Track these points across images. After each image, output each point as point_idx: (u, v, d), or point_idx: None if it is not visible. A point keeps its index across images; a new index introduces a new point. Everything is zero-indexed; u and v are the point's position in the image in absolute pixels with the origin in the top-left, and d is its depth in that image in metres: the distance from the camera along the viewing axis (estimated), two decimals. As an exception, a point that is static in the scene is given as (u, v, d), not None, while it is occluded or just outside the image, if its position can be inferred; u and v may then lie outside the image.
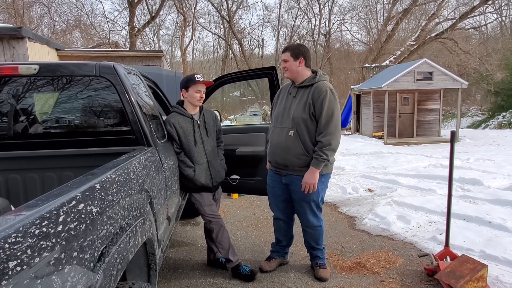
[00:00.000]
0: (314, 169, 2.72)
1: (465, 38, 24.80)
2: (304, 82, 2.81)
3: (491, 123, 19.02)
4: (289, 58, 2.80)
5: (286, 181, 2.92)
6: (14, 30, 6.56)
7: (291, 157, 2.79)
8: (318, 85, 2.76)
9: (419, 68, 12.69)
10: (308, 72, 2.85)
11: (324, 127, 2.69)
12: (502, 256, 3.21)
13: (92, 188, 1.26)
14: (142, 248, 1.79)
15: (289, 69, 2.82)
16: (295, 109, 2.78)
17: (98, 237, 1.18)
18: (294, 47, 2.84)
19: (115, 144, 2.43)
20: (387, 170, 7.47)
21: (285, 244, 3.25)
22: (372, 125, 14.21)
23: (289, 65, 2.81)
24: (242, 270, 3.04)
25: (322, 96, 2.69)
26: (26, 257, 0.84)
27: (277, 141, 2.86)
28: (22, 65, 2.30)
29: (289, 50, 2.81)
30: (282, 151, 2.83)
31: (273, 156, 2.92)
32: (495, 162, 7.86)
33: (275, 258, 3.26)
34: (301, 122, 2.73)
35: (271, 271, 3.17)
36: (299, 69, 2.81)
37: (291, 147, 2.77)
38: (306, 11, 33.19)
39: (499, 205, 4.64)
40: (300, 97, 2.81)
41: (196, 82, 2.90)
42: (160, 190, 2.19)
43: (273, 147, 2.91)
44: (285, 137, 2.80)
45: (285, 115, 2.84)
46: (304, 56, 2.80)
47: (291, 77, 2.87)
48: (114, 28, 27.78)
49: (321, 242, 3.10)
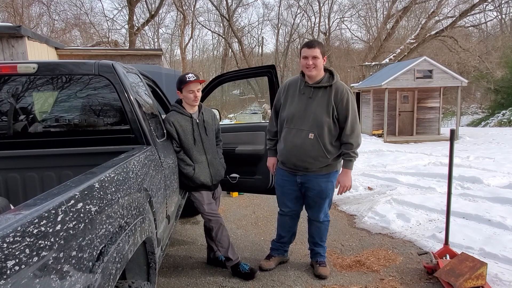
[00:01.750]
0: (349, 170, 2.80)
1: (465, 36, 24.79)
2: (322, 82, 2.73)
3: (491, 121, 19.03)
4: (320, 55, 2.67)
5: (302, 180, 2.90)
6: (13, 29, 6.55)
7: (310, 159, 2.77)
8: (338, 86, 2.72)
9: (419, 66, 12.68)
10: (323, 72, 2.79)
11: (351, 128, 2.72)
12: (501, 254, 3.21)
13: (91, 187, 1.26)
14: (141, 247, 1.79)
15: (318, 66, 2.68)
16: (316, 112, 2.71)
17: (97, 236, 1.18)
18: (322, 44, 2.75)
19: (115, 143, 2.43)
20: (387, 168, 7.48)
21: (286, 240, 3.24)
22: (372, 124, 14.21)
23: (319, 62, 2.68)
24: (241, 268, 3.05)
25: (345, 98, 2.70)
26: (25, 256, 0.84)
27: (294, 143, 2.79)
28: (21, 64, 2.30)
29: (320, 47, 2.68)
30: (300, 154, 2.78)
31: (289, 158, 2.85)
32: (495, 160, 7.87)
33: (274, 256, 3.25)
34: (324, 125, 2.70)
35: (270, 270, 3.17)
36: (322, 68, 2.75)
37: (311, 150, 2.74)
38: (306, 9, 33.17)
39: (499, 203, 4.65)
40: (319, 98, 2.73)
41: (187, 82, 2.87)
42: (159, 189, 2.19)
43: (289, 149, 2.82)
44: (304, 140, 2.74)
45: (302, 116, 2.76)
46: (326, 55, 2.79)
47: (316, 76, 2.73)
48: (114, 27, 27.76)
49: (325, 239, 3.13)
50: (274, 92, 3.47)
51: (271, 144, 3.10)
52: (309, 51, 2.66)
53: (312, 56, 2.65)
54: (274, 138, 3.07)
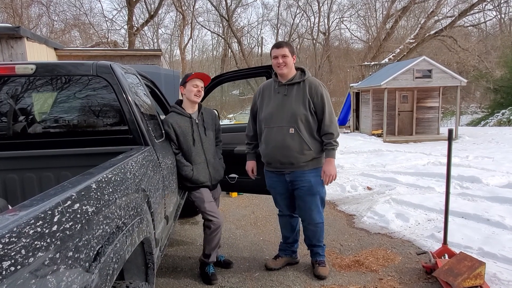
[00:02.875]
0: (332, 159, 2.85)
1: (464, 36, 24.80)
2: (295, 79, 2.88)
3: (490, 121, 19.04)
4: (289, 54, 2.83)
5: (290, 178, 2.93)
6: (13, 29, 6.55)
7: (294, 154, 2.82)
8: (311, 81, 2.86)
9: (418, 66, 12.69)
10: (295, 70, 2.94)
11: (329, 119, 2.83)
12: (500, 253, 3.22)
13: (88, 188, 1.26)
14: (139, 248, 1.79)
15: (288, 65, 2.83)
16: (293, 106, 2.81)
17: (94, 237, 1.18)
18: (289, 44, 2.94)
19: (113, 143, 2.43)
20: (386, 168, 7.48)
21: (291, 241, 3.25)
22: (371, 123, 14.21)
23: (289, 60, 2.84)
24: (208, 270, 3.04)
25: (320, 91, 2.83)
26: (21, 257, 0.84)
27: (276, 140, 2.85)
28: (19, 65, 2.30)
29: (288, 46, 2.87)
30: (284, 150, 2.83)
31: (274, 156, 2.89)
32: (494, 159, 7.87)
33: (281, 256, 3.26)
34: (302, 118, 2.80)
35: (276, 270, 3.18)
36: (293, 66, 2.90)
37: (293, 144, 2.81)
38: (305, 10, 33.19)
39: (498, 203, 4.65)
40: (294, 94, 2.85)
41: (194, 75, 2.92)
42: (157, 189, 2.19)
43: (272, 148, 2.88)
44: (285, 135, 2.81)
45: (279, 114, 2.85)
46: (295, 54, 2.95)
47: (287, 74, 2.87)
48: (113, 27, 27.75)
49: (322, 239, 3.12)
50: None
51: (249, 148, 3.20)
52: (278, 51, 2.82)
53: (281, 55, 2.81)
54: (252, 142, 3.17)
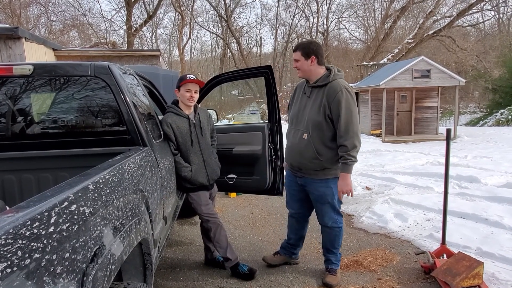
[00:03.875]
0: (346, 174, 2.63)
1: (462, 36, 24.85)
2: (318, 82, 2.70)
3: (489, 120, 19.07)
4: (300, 57, 2.69)
5: (301, 182, 2.91)
6: (11, 30, 6.54)
7: (304, 161, 2.76)
8: (332, 84, 2.64)
9: (416, 66, 12.71)
10: (322, 70, 2.72)
11: (346, 129, 2.57)
12: (498, 253, 3.22)
13: (85, 189, 1.26)
14: (137, 248, 1.79)
15: (301, 69, 2.72)
16: (310, 111, 2.70)
17: (91, 238, 1.17)
18: (304, 46, 2.72)
19: (111, 144, 2.42)
20: (385, 168, 7.49)
21: (293, 243, 3.22)
22: (370, 123, 14.22)
23: (300, 64, 2.70)
24: (240, 269, 3.04)
25: (338, 96, 2.57)
26: (17, 258, 0.84)
27: (292, 142, 2.83)
28: (17, 66, 2.29)
29: (300, 49, 2.70)
30: (296, 154, 2.80)
31: (289, 158, 2.92)
32: (493, 159, 7.88)
33: (280, 254, 3.27)
34: (315, 125, 2.65)
35: (273, 266, 3.20)
36: (312, 68, 2.70)
37: (304, 151, 2.73)
38: (304, 10, 33.22)
39: (496, 202, 4.66)
40: (314, 97, 2.71)
41: (187, 80, 2.90)
42: (155, 190, 2.19)
43: (288, 149, 2.90)
44: (299, 140, 2.75)
45: (300, 116, 2.78)
46: (316, 54, 2.67)
47: (304, 77, 2.77)
48: (112, 28, 27.68)
49: (338, 246, 2.98)
50: (270, 93, 3.49)
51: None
52: (293, 55, 2.75)
53: (293, 59, 2.75)
54: None
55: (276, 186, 3.60)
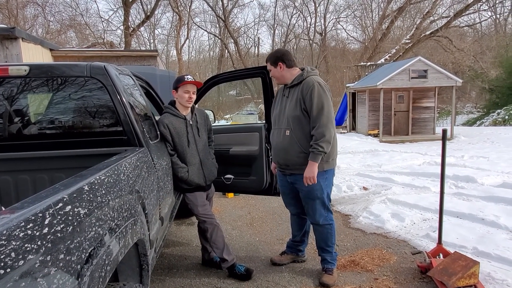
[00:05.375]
0: (312, 162, 2.73)
1: (459, 36, 24.92)
2: (294, 81, 2.87)
3: (486, 121, 19.12)
4: (271, 67, 2.93)
5: (291, 180, 2.98)
6: (8, 30, 6.53)
7: (290, 157, 2.85)
8: (306, 81, 2.81)
9: (414, 66, 12.72)
10: (295, 71, 2.89)
11: (315, 119, 2.70)
12: (494, 252, 3.24)
13: (80, 190, 1.26)
14: (133, 249, 1.79)
15: (275, 76, 2.96)
16: (289, 108, 2.85)
17: (86, 239, 1.17)
18: (271, 55, 2.95)
19: (108, 145, 2.42)
20: (382, 168, 7.50)
21: (298, 239, 3.29)
22: (368, 123, 14.24)
23: (273, 73, 2.94)
24: (237, 270, 3.05)
25: (310, 90, 2.73)
26: (10, 260, 0.84)
27: (276, 142, 2.94)
28: (13, 67, 2.29)
29: (268, 60, 2.95)
30: (281, 152, 2.90)
31: (275, 157, 3.02)
32: (489, 159, 7.91)
33: (287, 253, 3.34)
34: (294, 120, 2.79)
35: (281, 265, 3.26)
36: (283, 73, 2.90)
37: (289, 147, 2.83)
38: (302, 10, 33.20)
39: (492, 202, 4.68)
40: (291, 96, 2.87)
41: (185, 82, 2.90)
42: (152, 190, 2.19)
43: (274, 149, 3.01)
44: (283, 138, 2.86)
45: (281, 116, 2.92)
46: (282, 60, 2.87)
47: (281, 82, 2.98)
48: (109, 28, 27.65)
49: (331, 244, 3.02)
50: (267, 93, 3.52)
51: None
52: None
53: (267, 70, 3.04)
54: None
55: (273, 186, 3.62)
